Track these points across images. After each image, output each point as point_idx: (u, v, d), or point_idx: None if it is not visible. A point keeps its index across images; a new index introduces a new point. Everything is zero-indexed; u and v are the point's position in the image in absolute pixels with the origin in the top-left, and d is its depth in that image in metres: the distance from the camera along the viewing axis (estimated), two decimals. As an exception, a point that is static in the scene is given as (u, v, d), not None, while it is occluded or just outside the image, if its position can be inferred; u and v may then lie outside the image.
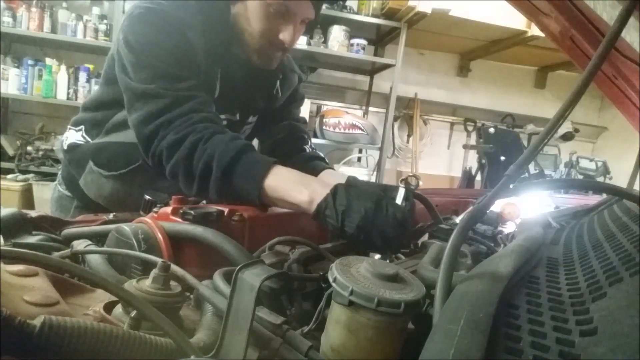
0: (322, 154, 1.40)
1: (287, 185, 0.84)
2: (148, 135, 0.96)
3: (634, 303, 0.36)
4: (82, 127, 1.20)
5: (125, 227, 0.68)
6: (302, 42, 3.51)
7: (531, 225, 0.77)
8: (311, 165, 1.29)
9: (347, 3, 3.72)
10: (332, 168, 1.34)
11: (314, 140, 1.94)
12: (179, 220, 0.74)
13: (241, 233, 0.79)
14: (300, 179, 0.85)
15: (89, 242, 0.72)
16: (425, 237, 0.94)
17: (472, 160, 4.43)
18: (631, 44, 0.64)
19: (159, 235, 0.68)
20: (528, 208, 1.07)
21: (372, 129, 3.89)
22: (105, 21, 3.47)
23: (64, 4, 3.46)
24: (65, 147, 1.22)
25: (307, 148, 1.38)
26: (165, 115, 0.95)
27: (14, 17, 3.32)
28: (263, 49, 1.10)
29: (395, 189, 0.79)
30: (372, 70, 4.34)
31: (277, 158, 0.91)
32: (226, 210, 0.79)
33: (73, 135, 1.21)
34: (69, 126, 1.25)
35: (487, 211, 0.57)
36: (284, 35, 1.06)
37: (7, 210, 0.73)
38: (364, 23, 3.68)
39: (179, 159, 0.92)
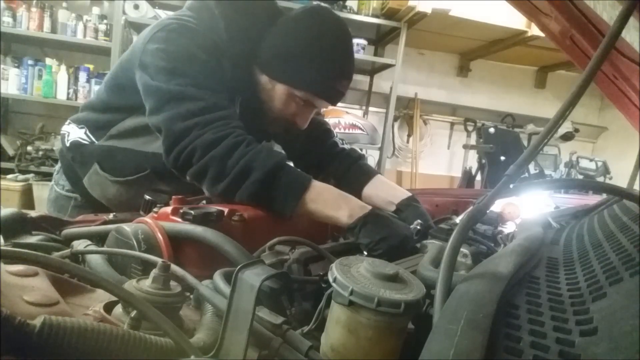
0: (353, 146, 1.38)
1: (327, 199, 0.92)
2: (180, 132, 0.94)
3: (634, 303, 0.36)
4: (85, 126, 1.19)
5: (125, 227, 0.68)
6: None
7: (531, 225, 0.77)
8: (355, 168, 1.28)
9: (347, 3, 3.72)
10: (380, 173, 1.32)
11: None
12: (179, 220, 0.74)
13: (241, 233, 0.79)
14: (339, 194, 0.94)
15: (89, 242, 0.72)
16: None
17: (472, 160, 4.43)
18: (631, 44, 0.64)
19: (159, 235, 0.68)
20: (528, 208, 1.07)
21: (372, 129, 3.89)
22: (105, 21, 3.47)
23: (64, 4, 3.46)
24: (68, 144, 1.20)
25: (338, 141, 1.35)
26: (203, 115, 0.95)
27: (14, 17, 3.32)
28: (277, 122, 1.17)
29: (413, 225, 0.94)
30: (372, 70, 4.34)
31: (309, 155, 1.01)
32: (226, 210, 0.79)
33: (75, 132, 1.19)
34: (69, 120, 1.23)
35: (487, 211, 0.57)
36: (300, 121, 1.15)
37: (7, 210, 0.73)
38: (364, 23, 3.67)
39: (214, 156, 0.91)
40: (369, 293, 0.41)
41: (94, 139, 1.17)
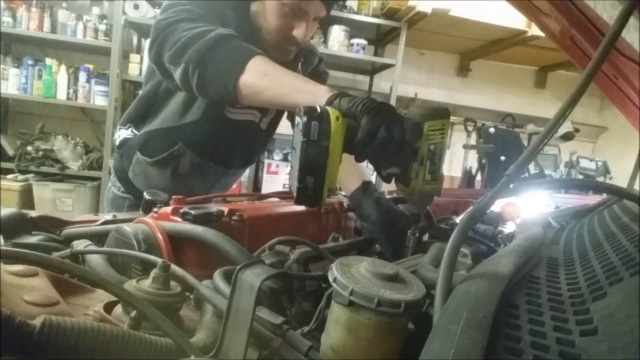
0: None
1: (285, 73, 0.88)
2: (164, 26, 0.99)
3: (634, 303, 0.36)
4: (130, 124, 1.31)
5: (125, 227, 0.68)
6: (302, 42, 3.51)
7: (531, 225, 0.77)
8: None
9: (347, 3, 3.72)
10: None
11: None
12: (179, 220, 0.74)
13: (241, 233, 0.79)
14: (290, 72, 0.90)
15: (89, 242, 0.72)
16: (425, 237, 0.94)
17: (472, 160, 4.42)
18: (631, 44, 0.64)
19: (159, 235, 0.68)
20: (528, 208, 1.07)
21: (372, 129, 3.87)
22: (105, 21, 3.47)
23: (64, 4, 3.46)
24: (118, 143, 1.33)
25: None
26: (190, 20, 0.99)
27: (14, 17, 3.32)
28: (278, 44, 1.17)
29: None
30: (372, 70, 4.34)
31: None
32: (226, 210, 0.79)
33: (123, 133, 1.32)
34: (119, 126, 1.36)
35: (487, 211, 0.57)
36: (297, 32, 1.14)
37: (7, 210, 0.73)
38: (364, 23, 3.68)
39: (183, 36, 0.94)
40: (369, 293, 0.41)
41: (137, 132, 1.29)
